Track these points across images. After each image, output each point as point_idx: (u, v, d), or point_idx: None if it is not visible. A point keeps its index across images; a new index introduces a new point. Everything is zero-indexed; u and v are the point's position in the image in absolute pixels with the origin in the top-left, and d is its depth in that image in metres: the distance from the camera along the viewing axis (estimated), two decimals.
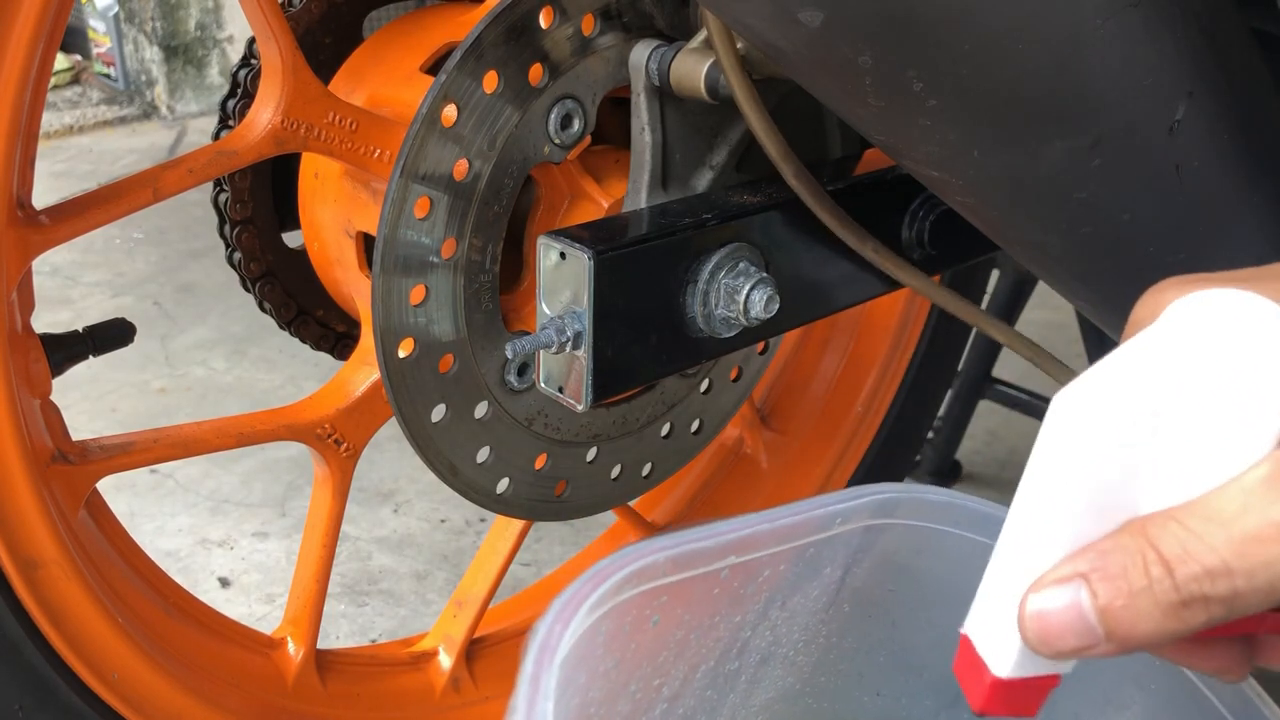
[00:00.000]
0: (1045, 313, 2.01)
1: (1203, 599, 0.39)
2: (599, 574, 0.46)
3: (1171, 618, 0.40)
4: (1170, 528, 0.40)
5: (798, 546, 0.54)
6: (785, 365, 1.35)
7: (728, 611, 0.54)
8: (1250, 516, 0.39)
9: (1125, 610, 0.40)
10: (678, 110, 0.84)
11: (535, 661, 0.42)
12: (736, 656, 0.57)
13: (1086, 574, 0.41)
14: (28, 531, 0.76)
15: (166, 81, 3.54)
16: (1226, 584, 0.39)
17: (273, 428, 0.90)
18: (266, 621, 1.52)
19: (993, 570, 0.45)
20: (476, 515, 1.74)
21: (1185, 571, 0.39)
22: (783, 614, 0.57)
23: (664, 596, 0.49)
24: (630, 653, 0.50)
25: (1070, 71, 0.61)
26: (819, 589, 0.58)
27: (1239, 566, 0.39)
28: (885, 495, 0.56)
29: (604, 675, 0.49)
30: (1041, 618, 0.41)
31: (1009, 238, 0.76)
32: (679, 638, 0.53)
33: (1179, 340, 0.40)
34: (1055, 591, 0.41)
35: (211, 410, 2.01)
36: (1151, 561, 0.40)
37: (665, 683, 0.54)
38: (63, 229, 0.77)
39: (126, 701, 0.83)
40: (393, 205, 0.78)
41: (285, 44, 0.81)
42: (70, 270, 2.51)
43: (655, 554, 0.48)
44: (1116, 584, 0.40)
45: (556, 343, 0.75)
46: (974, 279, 1.34)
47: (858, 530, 0.56)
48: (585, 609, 0.45)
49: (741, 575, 0.53)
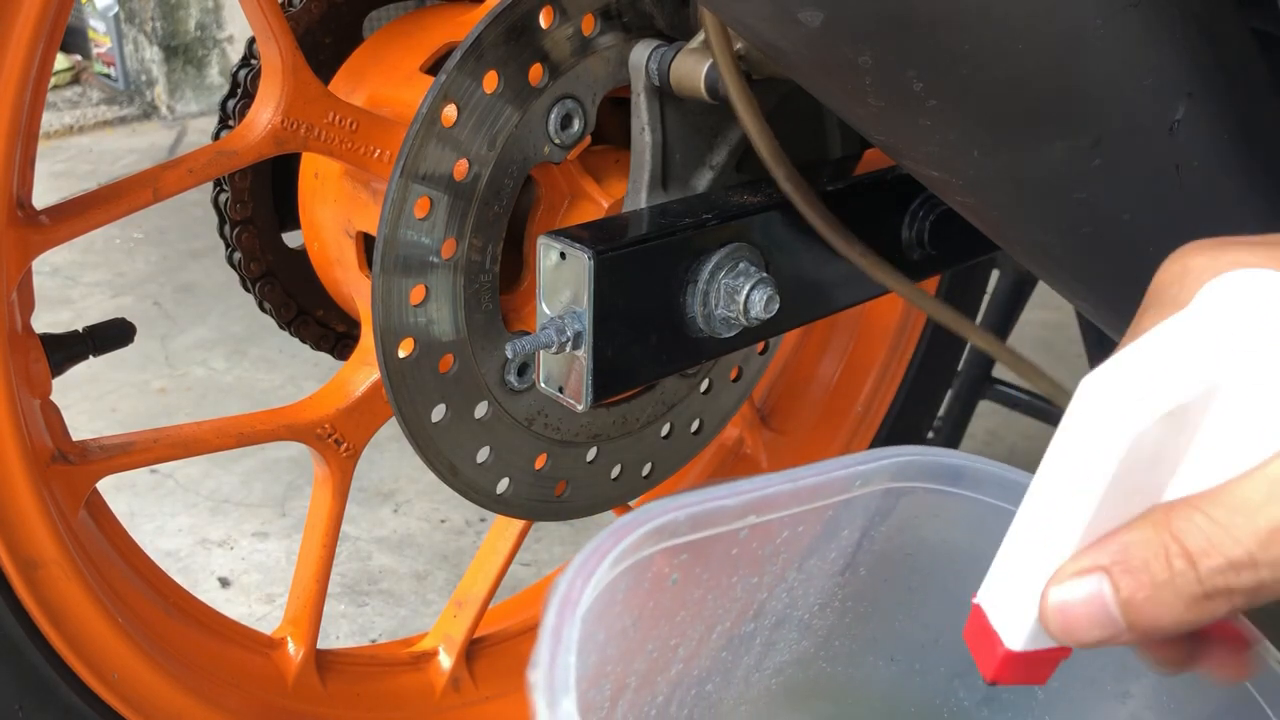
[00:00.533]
0: (1045, 313, 2.01)
1: (1226, 591, 0.39)
2: (621, 529, 0.46)
3: (1194, 609, 0.39)
4: (1195, 518, 0.40)
5: (817, 508, 0.53)
6: (785, 365, 1.35)
7: (745, 573, 0.54)
8: (1275, 507, 0.38)
9: (1148, 602, 0.40)
10: (678, 110, 0.84)
11: (558, 614, 0.42)
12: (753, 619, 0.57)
13: (1108, 567, 0.40)
14: (28, 531, 0.76)
15: (166, 81, 3.54)
16: (1251, 576, 0.39)
17: (273, 428, 0.90)
18: (266, 621, 1.52)
19: (1010, 545, 0.44)
20: (476, 515, 1.74)
21: (1209, 564, 0.39)
22: (799, 576, 0.56)
23: (684, 554, 0.49)
24: (648, 611, 0.50)
25: (1070, 71, 0.61)
26: (836, 552, 0.57)
27: (1264, 558, 0.38)
28: (905, 458, 0.55)
29: (622, 633, 0.49)
30: (1064, 610, 0.41)
31: (1009, 238, 0.76)
32: (696, 597, 0.53)
33: (1209, 326, 0.40)
34: (1077, 583, 0.41)
35: (211, 410, 2.01)
36: (1175, 554, 0.39)
37: (681, 643, 0.54)
38: (63, 229, 0.77)
39: (126, 701, 0.83)
40: (393, 205, 0.78)
41: (285, 44, 0.81)
42: (70, 270, 2.51)
43: (676, 511, 0.47)
44: (1139, 577, 0.40)
45: (556, 343, 0.75)
46: (974, 279, 1.34)
47: (877, 493, 0.55)
48: (607, 563, 0.44)
49: (760, 536, 0.52)
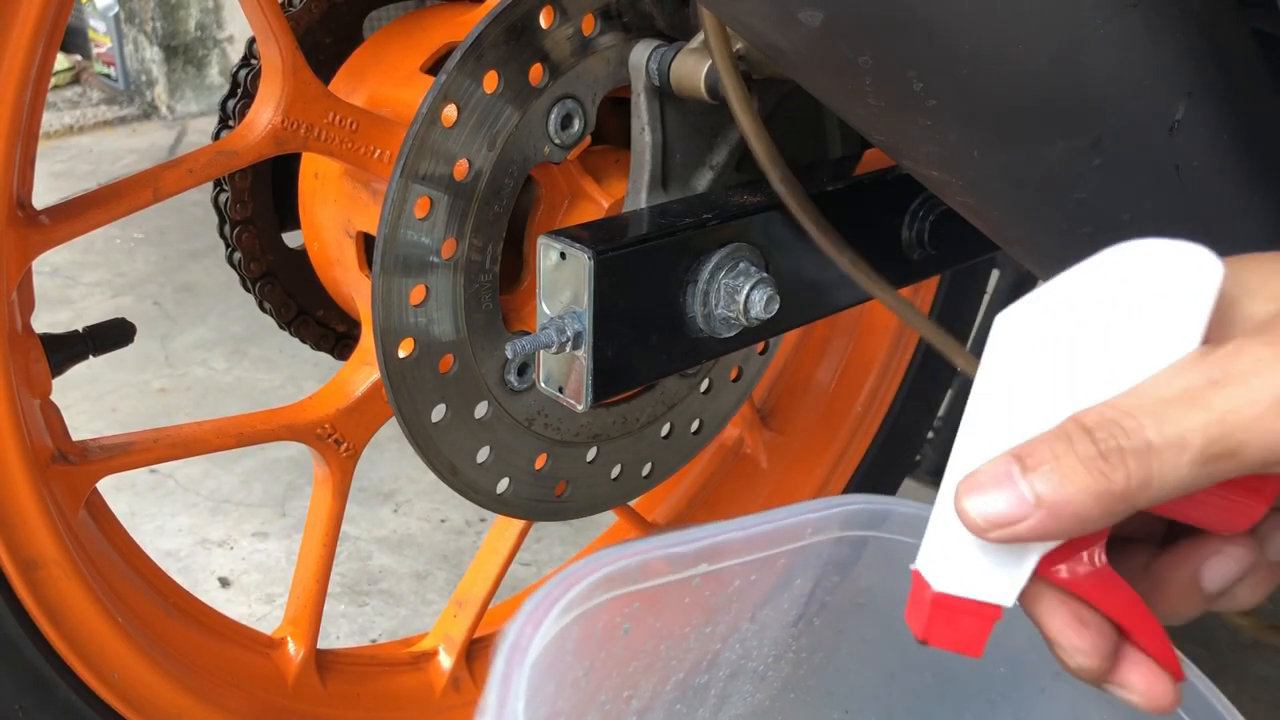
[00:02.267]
0: None
1: (1119, 452, 0.41)
2: (571, 576, 0.46)
3: (1094, 474, 0.42)
4: (1096, 408, 0.43)
5: (769, 556, 0.54)
6: (785, 365, 1.35)
7: (699, 622, 0.54)
8: (1161, 387, 0.42)
9: (1052, 471, 0.42)
10: (678, 110, 0.84)
11: (506, 662, 0.42)
12: (707, 669, 0.57)
13: (1016, 453, 0.43)
14: (28, 531, 0.76)
15: (166, 81, 3.54)
16: (1140, 437, 0.41)
17: (273, 428, 0.90)
18: (266, 621, 1.52)
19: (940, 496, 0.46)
20: (476, 515, 1.74)
21: (1104, 432, 0.42)
22: (753, 627, 0.57)
23: (636, 603, 0.49)
24: (600, 661, 0.50)
25: (1070, 71, 0.61)
26: (789, 601, 0.57)
27: (1150, 421, 0.41)
28: (855, 506, 0.56)
29: (573, 684, 0.49)
30: (975, 489, 0.43)
31: (1009, 238, 0.76)
32: (650, 647, 0.53)
33: (1108, 270, 0.43)
34: (988, 468, 0.43)
35: (211, 410, 2.01)
36: (1073, 430, 0.42)
37: (635, 694, 0.54)
38: (63, 229, 0.77)
39: (126, 701, 0.83)
40: (393, 205, 0.78)
41: (285, 44, 0.81)
42: (70, 270, 2.51)
43: (628, 558, 0.48)
44: (1041, 453, 0.42)
45: (556, 343, 0.75)
46: (974, 279, 1.34)
47: (828, 542, 0.56)
48: (556, 611, 0.45)
49: (713, 584, 0.52)
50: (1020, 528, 0.43)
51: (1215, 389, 0.41)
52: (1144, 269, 0.43)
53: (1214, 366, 0.41)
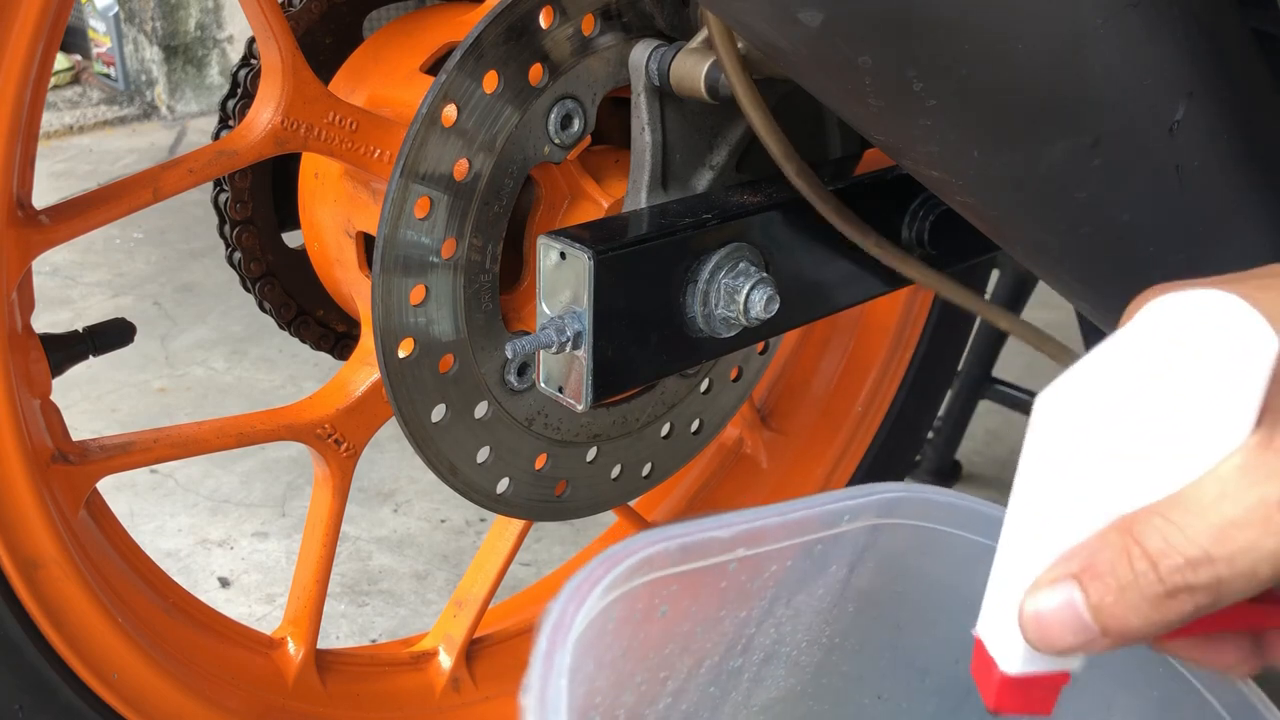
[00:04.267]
0: (1045, 313, 2.01)
1: (1187, 588, 0.40)
2: (613, 557, 0.46)
3: (1160, 609, 0.41)
4: (1153, 522, 0.41)
5: (805, 542, 0.54)
6: (785, 365, 1.35)
7: (734, 606, 0.54)
8: (1227, 504, 0.40)
9: (1116, 605, 0.41)
10: (678, 110, 0.84)
11: (549, 639, 0.42)
12: (741, 653, 0.57)
13: (1077, 574, 0.42)
14: (28, 531, 0.76)
15: (166, 81, 3.54)
16: (1209, 572, 0.40)
17: (273, 428, 0.90)
18: (266, 621, 1.52)
19: (996, 571, 0.46)
20: (476, 515, 1.74)
21: (1168, 563, 0.40)
22: (788, 612, 0.57)
23: (674, 586, 0.49)
24: (638, 642, 0.50)
25: (1070, 71, 0.61)
26: (824, 588, 0.57)
27: (1219, 553, 0.40)
28: (891, 494, 0.56)
29: (611, 664, 0.49)
30: (1039, 618, 0.43)
31: (1009, 238, 0.76)
32: (685, 630, 0.53)
33: (1152, 340, 0.41)
34: (1049, 592, 0.42)
35: (211, 410, 2.01)
36: (1136, 556, 0.41)
37: (670, 676, 0.54)
38: (63, 229, 0.77)
39: (126, 701, 0.83)
40: (393, 205, 0.78)
41: (285, 44, 0.81)
42: (70, 270, 2.51)
43: (667, 541, 0.48)
44: (1105, 581, 0.41)
45: (556, 343, 0.75)
46: (974, 279, 1.34)
47: (864, 529, 0.56)
48: (599, 591, 0.45)
49: (749, 569, 0.53)
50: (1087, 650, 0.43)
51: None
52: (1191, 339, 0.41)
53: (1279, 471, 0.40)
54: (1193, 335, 0.41)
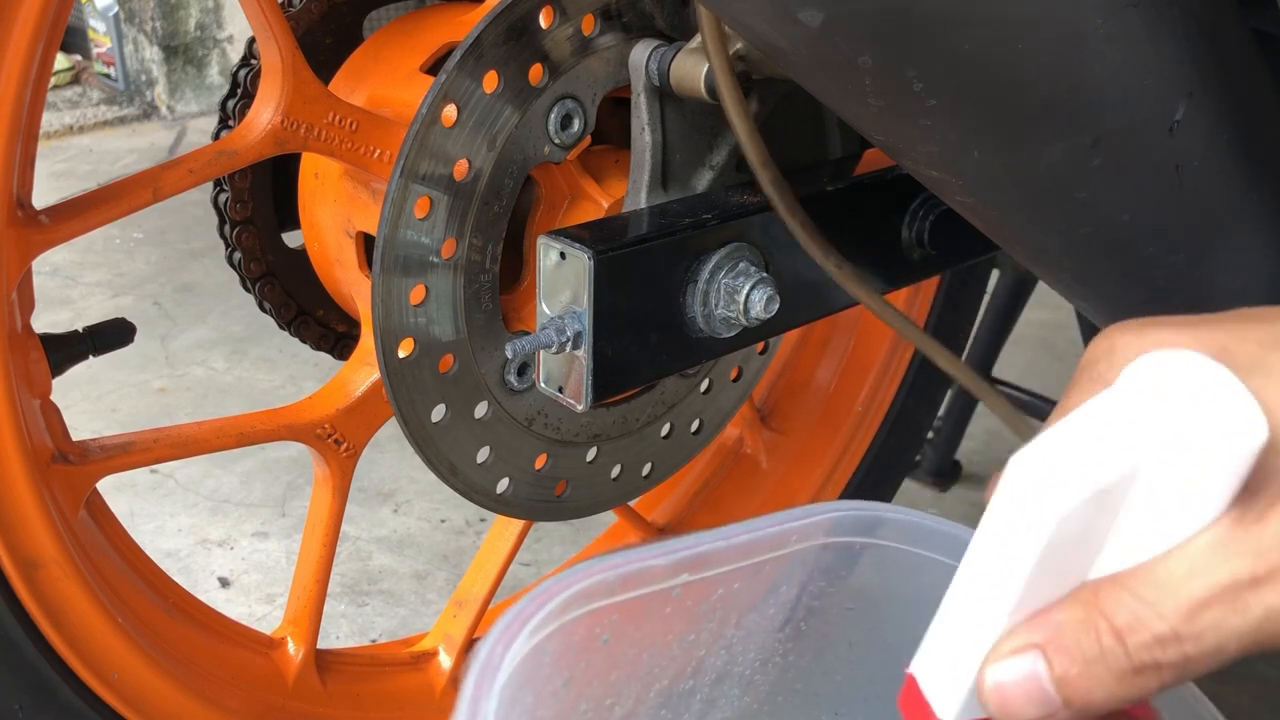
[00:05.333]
0: (1045, 313, 2.01)
1: (1154, 665, 0.40)
2: (544, 593, 0.46)
3: (1125, 684, 0.40)
4: (1121, 596, 0.41)
5: (752, 565, 0.53)
6: (785, 365, 1.35)
7: (682, 630, 0.54)
8: (1195, 581, 0.40)
9: (1080, 679, 0.41)
10: (678, 110, 0.84)
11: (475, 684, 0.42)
12: (691, 676, 0.56)
13: (1042, 645, 0.41)
14: (28, 531, 0.76)
15: (166, 81, 3.54)
16: (1177, 650, 0.40)
17: (273, 428, 0.90)
18: (266, 621, 1.52)
19: (943, 618, 0.45)
20: (476, 515, 1.74)
21: (1136, 640, 0.40)
22: (738, 633, 0.56)
23: (614, 615, 0.48)
24: (581, 671, 0.49)
25: (1070, 71, 0.61)
26: (775, 608, 0.57)
27: (1188, 632, 0.40)
28: (841, 513, 0.56)
29: (553, 695, 0.48)
30: (1001, 690, 0.42)
31: (1009, 238, 0.76)
32: (631, 656, 0.52)
33: (1134, 407, 0.40)
34: (1013, 662, 0.42)
35: (211, 410, 2.01)
36: (1104, 631, 0.41)
37: (617, 702, 0.53)
38: (63, 229, 0.77)
39: (126, 701, 0.83)
40: (393, 205, 0.78)
41: (285, 44, 0.81)
42: (70, 270, 2.51)
43: (605, 572, 0.47)
44: (1071, 654, 0.41)
45: (556, 343, 0.75)
46: (974, 279, 1.34)
47: (814, 548, 0.55)
48: (528, 630, 0.44)
49: (695, 593, 0.52)
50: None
51: (1255, 590, 0.39)
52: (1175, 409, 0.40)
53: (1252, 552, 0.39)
54: (1177, 406, 0.40)
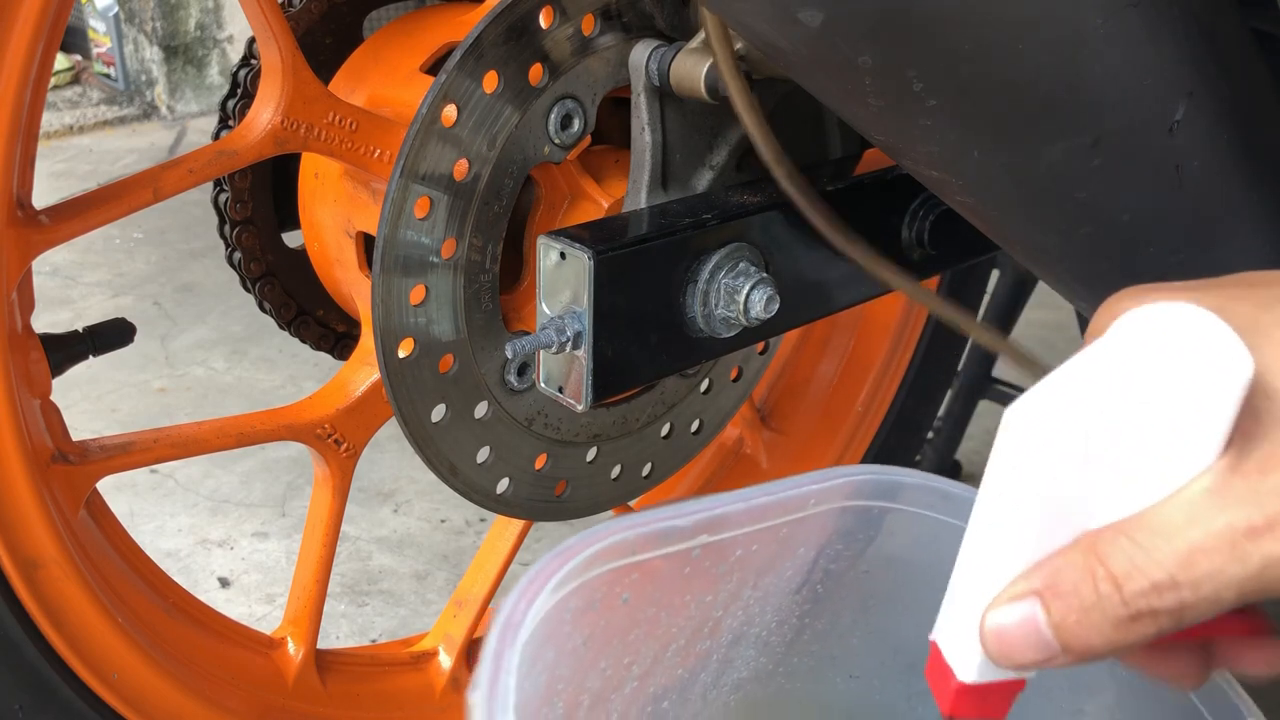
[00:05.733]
0: (1045, 313, 2.01)
1: (1150, 612, 0.40)
2: (566, 551, 0.46)
3: (1122, 630, 0.41)
4: (1119, 542, 0.41)
5: (771, 527, 0.53)
6: (785, 365, 1.35)
7: (699, 590, 0.54)
8: (1194, 529, 0.40)
9: (1078, 625, 0.41)
10: (678, 110, 0.84)
11: (499, 638, 0.42)
12: (708, 635, 0.57)
13: (1040, 591, 0.42)
14: (28, 531, 0.76)
15: (166, 81, 3.54)
16: (1173, 596, 0.40)
17: (273, 428, 0.90)
18: (266, 621, 1.52)
19: (956, 580, 0.45)
20: (476, 515, 1.74)
21: (1133, 587, 0.40)
22: (755, 594, 0.57)
23: (635, 574, 0.49)
24: (600, 630, 0.50)
25: (1070, 71, 0.61)
26: (792, 570, 0.57)
27: (1184, 578, 0.40)
28: (859, 477, 0.56)
29: (572, 652, 0.49)
30: (1000, 633, 0.43)
31: (1009, 238, 0.76)
32: (650, 615, 0.53)
33: (1126, 355, 0.41)
34: (1011, 608, 0.42)
35: (211, 410, 2.01)
36: (1100, 578, 0.41)
37: (635, 660, 0.54)
38: (63, 229, 0.77)
39: (126, 701, 0.83)
40: (393, 205, 0.78)
41: (285, 44, 0.81)
42: (70, 270, 2.51)
43: (625, 531, 0.48)
44: (1068, 600, 0.41)
45: (556, 343, 0.75)
46: (974, 279, 1.34)
47: (832, 511, 0.56)
48: (551, 586, 0.45)
49: (714, 554, 0.52)
50: (1047, 665, 0.42)
51: (1254, 539, 0.39)
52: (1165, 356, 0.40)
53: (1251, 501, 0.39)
54: (1167, 352, 0.40)
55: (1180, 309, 0.41)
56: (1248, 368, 0.39)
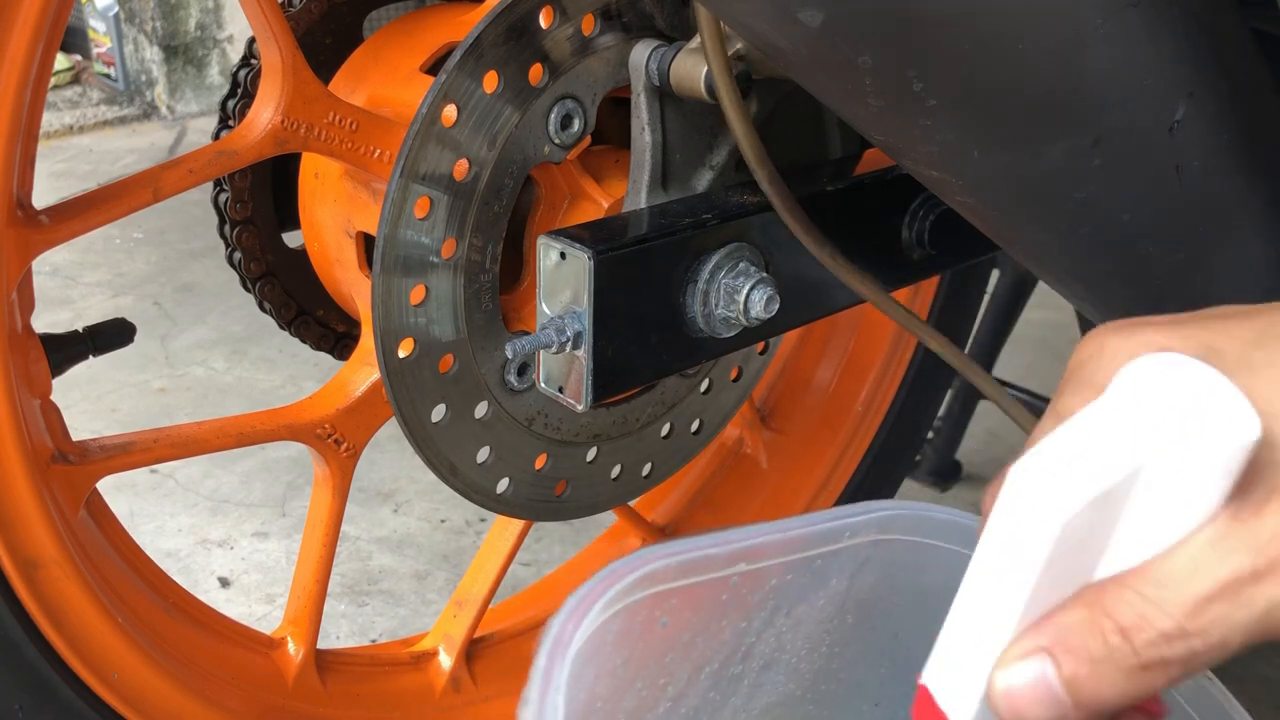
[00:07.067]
0: (1045, 313, 2.01)
1: (1162, 661, 0.41)
2: (613, 574, 0.48)
3: (1134, 681, 0.41)
4: (1125, 595, 0.41)
5: (806, 557, 0.55)
6: (785, 365, 1.35)
7: (734, 617, 0.56)
8: (1200, 578, 0.40)
9: (1090, 679, 0.41)
10: (678, 110, 0.84)
11: (549, 655, 0.44)
12: (741, 660, 0.58)
13: (1049, 648, 0.42)
14: (28, 531, 0.76)
15: (166, 81, 3.54)
16: (1183, 645, 0.40)
17: (273, 428, 0.90)
18: (266, 621, 1.52)
19: (952, 627, 0.45)
20: (476, 515, 1.74)
21: (1143, 638, 0.41)
22: (788, 622, 0.58)
23: (674, 599, 0.51)
24: (638, 652, 0.52)
25: (1070, 71, 0.61)
26: (824, 599, 0.59)
27: (1193, 627, 0.40)
28: (892, 511, 0.58)
29: (612, 672, 0.50)
30: (1011, 694, 0.42)
31: (1009, 238, 0.76)
32: (686, 640, 0.54)
33: (1129, 413, 0.41)
34: (1022, 666, 0.42)
35: (211, 410, 2.01)
36: (1110, 630, 0.41)
37: (670, 682, 0.56)
38: (63, 229, 0.77)
39: (126, 701, 0.83)
40: (393, 205, 0.78)
41: (285, 44, 0.81)
42: (70, 270, 2.51)
43: (668, 558, 0.50)
44: (1079, 655, 0.41)
45: (556, 343, 0.75)
46: (974, 279, 1.34)
47: (865, 544, 0.58)
48: (599, 607, 0.47)
49: (750, 582, 0.54)
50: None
51: (1257, 584, 0.40)
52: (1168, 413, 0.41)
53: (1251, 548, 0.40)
54: (1171, 410, 0.41)
55: (1182, 363, 0.42)
56: (1255, 428, 0.40)
